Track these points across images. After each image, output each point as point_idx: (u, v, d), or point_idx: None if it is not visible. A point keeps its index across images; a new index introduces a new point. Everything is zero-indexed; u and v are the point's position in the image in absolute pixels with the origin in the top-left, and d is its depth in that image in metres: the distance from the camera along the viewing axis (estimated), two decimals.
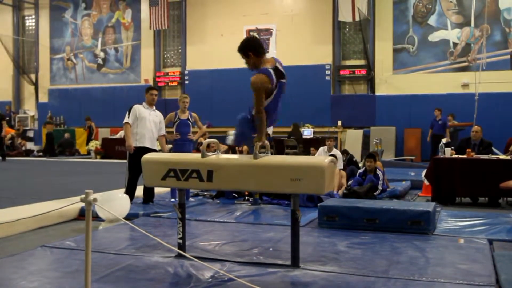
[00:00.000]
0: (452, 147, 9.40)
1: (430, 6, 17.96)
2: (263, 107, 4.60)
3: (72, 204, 6.26)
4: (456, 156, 8.83)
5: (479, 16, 16.95)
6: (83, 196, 3.33)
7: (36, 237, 6.00)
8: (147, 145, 7.71)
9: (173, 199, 8.03)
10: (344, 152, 11.27)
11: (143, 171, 5.00)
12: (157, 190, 8.28)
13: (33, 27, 24.49)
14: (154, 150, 7.65)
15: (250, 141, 4.67)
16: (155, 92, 8.06)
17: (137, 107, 7.89)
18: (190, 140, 8.47)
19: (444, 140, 14.53)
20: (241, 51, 4.76)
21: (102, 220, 6.66)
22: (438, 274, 4.30)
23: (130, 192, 7.61)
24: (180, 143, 8.35)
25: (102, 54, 23.01)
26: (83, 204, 3.40)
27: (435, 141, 15.53)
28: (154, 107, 8.06)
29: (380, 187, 8.71)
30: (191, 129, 8.58)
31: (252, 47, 4.69)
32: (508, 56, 17.07)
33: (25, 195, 8.74)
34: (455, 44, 17.65)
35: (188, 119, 8.51)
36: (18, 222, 6.06)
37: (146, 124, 7.80)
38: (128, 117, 7.84)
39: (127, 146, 7.76)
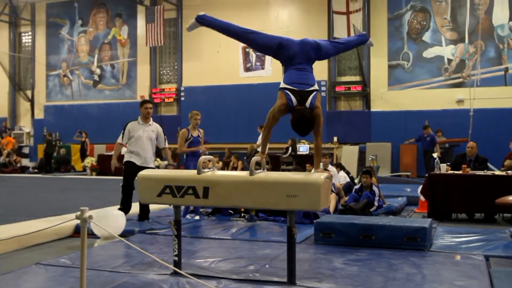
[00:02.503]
0: (448, 163, 9.41)
1: (425, 23, 18.10)
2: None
3: (67, 222, 6.24)
4: (452, 172, 8.84)
5: (473, 32, 17.10)
6: (78, 213, 3.32)
7: (31, 254, 5.96)
8: (139, 162, 7.63)
9: (189, 216, 8.15)
10: (338, 166, 11.22)
11: (138, 188, 4.99)
12: (152, 207, 8.25)
13: (30, 44, 24.56)
14: (147, 168, 7.51)
15: None
16: (149, 105, 7.88)
17: (130, 127, 7.80)
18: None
19: (435, 155, 14.75)
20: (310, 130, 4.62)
21: (98, 237, 6.63)
22: None
23: (126, 205, 7.62)
24: (192, 159, 8.22)
25: (98, 71, 23.07)
26: (78, 221, 3.39)
27: (426, 157, 15.76)
28: (151, 120, 7.93)
29: (376, 203, 8.71)
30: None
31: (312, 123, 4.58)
32: (502, 72, 17.18)
33: (20, 212, 8.70)
34: (449, 60, 17.78)
35: (198, 135, 8.48)
36: (13, 240, 6.02)
37: (143, 143, 7.69)
38: (122, 138, 7.83)
39: (111, 164, 7.92)
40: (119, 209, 7.40)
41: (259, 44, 5.05)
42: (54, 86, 23.87)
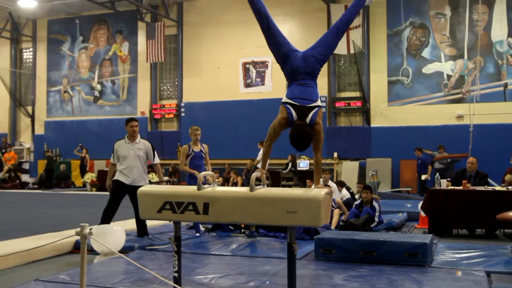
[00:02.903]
0: (448, 179, 9.41)
1: (424, 39, 18.19)
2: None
3: (67, 238, 6.22)
4: (452, 187, 8.84)
5: (472, 48, 17.17)
6: (78, 229, 3.31)
7: (30, 270, 5.94)
8: (128, 182, 7.51)
9: (197, 234, 8.10)
10: (340, 184, 11.19)
11: (139, 204, 4.96)
12: (153, 222, 8.24)
13: (31, 60, 24.67)
14: (137, 187, 7.29)
15: None
16: (135, 123, 7.64)
17: (117, 146, 7.70)
18: None
19: (424, 177, 15.02)
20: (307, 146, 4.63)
21: (97, 253, 6.61)
22: None
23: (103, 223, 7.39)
24: (194, 177, 8.05)
25: (98, 87, 23.13)
26: (78, 237, 3.38)
27: (419, 179, 15.95)
28: (139, 138, 7.71)
29: (376, 219, 8.69)
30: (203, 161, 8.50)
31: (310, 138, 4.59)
32: (502, 88, 17.22)
33: (20, 228, 8.68)
34: (449, 76, 17.84)
35: (201, 151, 8.41)
36: (12, 256, 6.00)
37: (130, 162, 7.54)
38: (113, 158, 7.78)
39: (106, 185, 7.80)
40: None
41: (276, 40, 4.97)
42: (54, 102, 23.93)
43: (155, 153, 7.83)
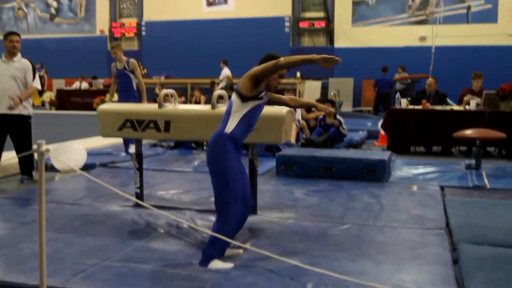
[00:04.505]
0: (408, 98, 9.54)
1: None
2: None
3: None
4: (412, 107, 8.98)
5: None
6: (35, 146, 3.25)
7: None
8: (2, 110, 6.03)
9: (123, 154, 7.83)
10: None
11: (98, 122, 4.88)
12: (114, 140, 8.19)
13: None
14: (15, 116, 6.05)
15: None
16: (15, 38, 6.09)
17: None
18: (133, 96, 7.63)
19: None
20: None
21: (58, 171, 6.57)
22: (391, 219, 4.43)
23: None
24: (121, 98, 7.61)
25: (54, 4, 22.19)
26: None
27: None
28: (19, 56, 6.18)
29: (346, 133, 8.85)
30: (133, 80, 7.70)
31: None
32: (465, 10, 17.24)
33: None
34: None
35: (125, 68, 7.66)
36: None
37: (4, 83, 6.04)
38: None
39: None
40: None
41: None
42: (8, 19, 22.94)
43: (36, 75, 6.32)
